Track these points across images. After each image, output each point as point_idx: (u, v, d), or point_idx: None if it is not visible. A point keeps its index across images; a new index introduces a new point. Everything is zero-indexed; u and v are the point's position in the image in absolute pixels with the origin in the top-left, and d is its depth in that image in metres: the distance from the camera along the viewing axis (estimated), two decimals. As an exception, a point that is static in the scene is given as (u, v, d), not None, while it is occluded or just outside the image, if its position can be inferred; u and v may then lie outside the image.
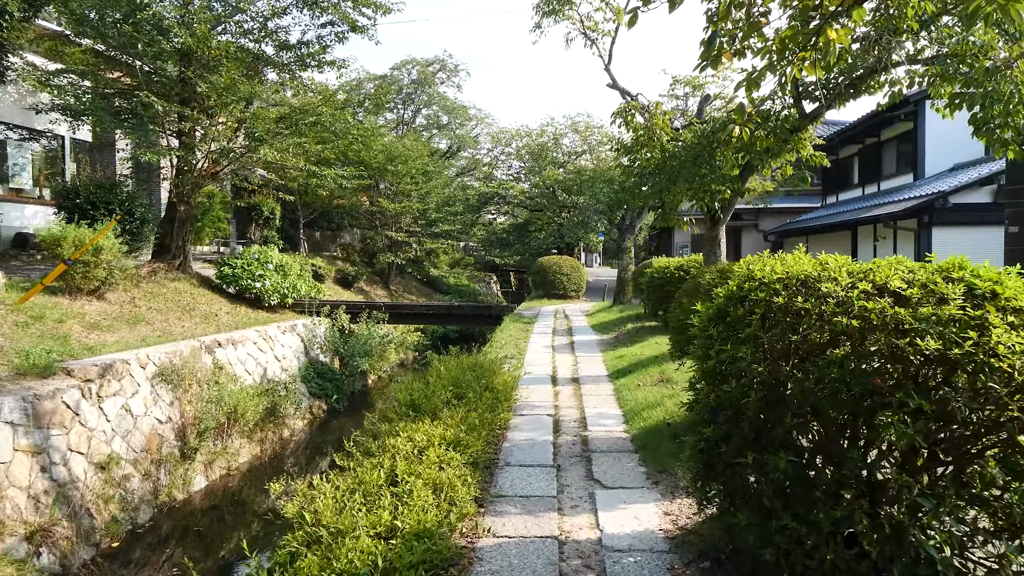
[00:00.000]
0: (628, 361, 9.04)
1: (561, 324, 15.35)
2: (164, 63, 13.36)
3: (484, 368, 6.64)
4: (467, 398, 5.71)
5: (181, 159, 15.06)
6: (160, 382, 10.27)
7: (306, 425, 14.21)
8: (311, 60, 15.87)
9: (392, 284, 28.17)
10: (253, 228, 22.17)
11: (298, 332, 15.81)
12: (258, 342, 13.70)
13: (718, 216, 8.21)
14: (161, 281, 14.70)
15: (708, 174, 6.82)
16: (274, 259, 16.65)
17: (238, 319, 14.61)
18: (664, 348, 9.32)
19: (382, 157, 23.71)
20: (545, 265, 23.86)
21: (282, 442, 12.87)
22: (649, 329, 12.03)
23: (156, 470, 9.53)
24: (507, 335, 13.34)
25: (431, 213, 28.38)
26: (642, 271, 13.91)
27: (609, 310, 17.34)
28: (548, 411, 6.56)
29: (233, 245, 23.31)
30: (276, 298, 16.26)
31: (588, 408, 6.68)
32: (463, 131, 40.27)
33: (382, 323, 17.83)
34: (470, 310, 18.16)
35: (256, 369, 13.31)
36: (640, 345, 10.28)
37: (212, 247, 22.99)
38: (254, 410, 11.76)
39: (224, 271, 15.81)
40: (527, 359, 10.18)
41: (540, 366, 9.52)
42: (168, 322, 12.75)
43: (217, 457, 10.87)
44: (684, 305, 4.87)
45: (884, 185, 18.46)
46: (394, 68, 35.22)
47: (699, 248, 26.47)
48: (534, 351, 11.05)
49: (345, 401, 16.13)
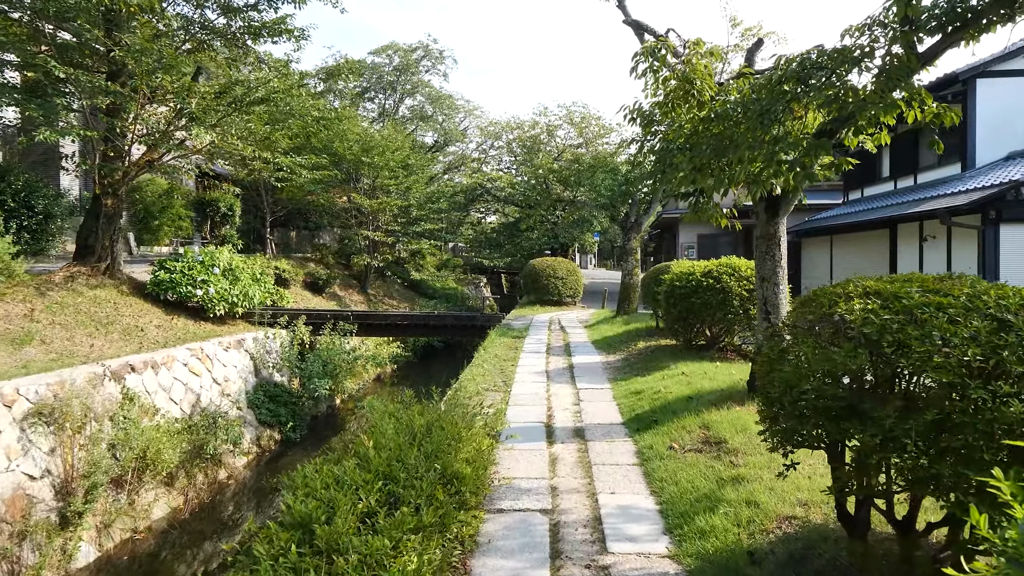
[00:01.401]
0: (650, 401, 6.72)
1: (556, 339, 13.02)
2: (74, 22, 10.92)
3: (445, 432, 4.30)
4: (406, 503, 3.38)
5: (109, 144, 12.65)
6: (36, 424, 7.88)
7: (251, 461, 11.82)
8: (264, 31, 13.50)
9: (371, 289, 25.77)
10: (208, 226, 19.70)
11: (246, 348, 13.40)
12: (190, 363, 11.29)
13: (780, 204, 5.92)
14: (79, 289, 12.27)
15: (783, 138, 4.52)
16: (222, 261, 14.24)
17: (171, 334, 12.19)
18: (697, 383, 7.02)
19: (357, 148, 21.34)
20: (538, 268, 21.51)
21: (216, 487, 10.48)
22: (668, 351, 9.72)
23: (18, 546, 7.13)
24: (492, 354, 11.00)
25: (413, 210, 26.01)
26: (655, 277, 11.62)
27: (612, 321, 15.03)
28: (541, 503, 4.23)
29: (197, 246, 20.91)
30: (223, 307, 13.85)
31: (603, 495, 4.35)
32: (450, 124, 37.87)
33: (350, 335, 15.45)
34: (451, 320, 15.83)
35: (186, 397, 10.90)
36: (661, 375, 7.96)
37: (173, 248, 20.56)
38: (173, 451, 9.38)
39: (159, 276, 13.39)
40: (514, 392, 7.86)
41: (531, 405, 7.18)
42: (73, 341, 10.33)
43: (118, 517, 8.48)
44: (812, 357, 2.54)
45: (922, 178, 16.24)
46: (373, 53, 32.67)
47: (708, 250, 24.19)
48: (523, 379, 8.73)
49: (304, 428, 13.75)
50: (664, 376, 7.83)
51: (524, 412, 6.84)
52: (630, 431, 5.93)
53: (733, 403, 5.96)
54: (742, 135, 4.85)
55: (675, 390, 6.91)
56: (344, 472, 3.66)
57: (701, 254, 24.16)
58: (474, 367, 9.81)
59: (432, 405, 5.22)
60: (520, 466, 5.02)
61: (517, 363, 10.04)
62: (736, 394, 6.25)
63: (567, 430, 6.12)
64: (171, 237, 20.77)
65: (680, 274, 9.19)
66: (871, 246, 16.40)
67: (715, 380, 7.09)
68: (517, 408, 7.01)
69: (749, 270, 8.70)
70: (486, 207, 33.61)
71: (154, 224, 20.03)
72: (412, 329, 15.97)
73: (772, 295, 6.01)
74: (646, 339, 11.25)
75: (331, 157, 21.53)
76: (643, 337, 11.52)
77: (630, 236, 16.21)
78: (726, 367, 7.96)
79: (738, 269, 8.72)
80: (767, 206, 6.04)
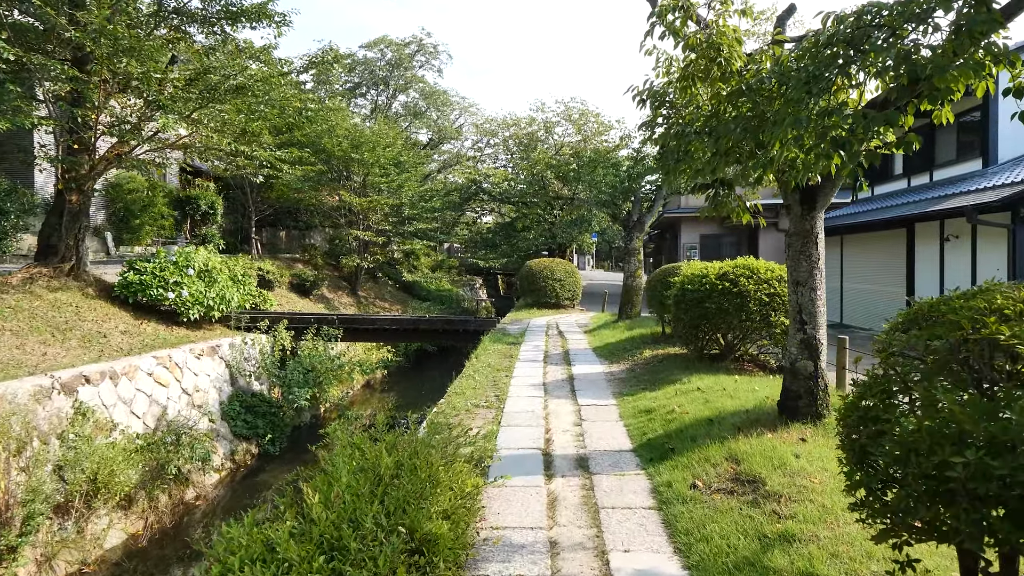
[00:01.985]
0: (662, 423, 5.84)
1: (555, 346, 12.14)
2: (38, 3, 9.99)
3: (419, 474, 3.42)
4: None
5: (73, 135, 11.74)
6: (-34, 446, 6.96)
7: (225, 478, 10.92)
8: (244, 16, 12.61)
9: (361, 291, 24.85)
10: (188, 225, 18.76)
11: (221, 355, 12.48)
12: (155, 372, 10.38)
13: (817, 195, 5.05)
14: (38, 291, 11.35)
15: (838, 110, 3.65)
16: (197, 262, 13.32)
17: (138, 340, 11.27)
18: (717, 401, 6.14)
19: (346, 144, 20.42)
20: (535, 269, 20.61)
21: (181, 509, 9.57)
22: (678, 360, 8.84)
23: (-63, 589, 6.22)
24: (484, 363, 10.11)
25: (405, 209, 25.07)
26: (662, 280, 10.73)
27: (614, 326, 14.15)
28: (538, 567, 3.34)
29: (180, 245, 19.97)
30: (197, 311, 12.94)
31: (616, 554, 3.45)
32: (445, 121, 36.90)
33: (334, 340, 14.54)
34: (442, 325, 14.92)
35: (150, 410, 10.00)
36: (673, 390, 7.07)
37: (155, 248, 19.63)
38: (130, 471, 8.47)
39: (128, 278, 12.47)
40: (507, 409, 6.97)
41: (526, 426, 6.30)
42: (24, 349, 9.40)
43: (63, 548, 7.56)
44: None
45: (939, 175, 15.43)
46: (364, 47, 31.63)
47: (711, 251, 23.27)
48: (518, 393, 7.85)
49: (284, 440, 12.85)
50: (676, 391, 6.95)
51: (518, 435, 5.95)
52: (642, 461, 5.05)
53: (763, 428, 5.09)
54: (781, 110, 3.97)
55: (691, 410, 6.02)
56: (279, 539, 2.76)
57: (704, 255, 23.29)
58: (464, 378, 8.92)
59: (408, 436, 4.33)
60: (512, 510, 4.13)
61: (512, 373, 9.15)
62: (765, 417, 5.38)
63: (568, 459, 5.24)
64: (153, 237, 19.86)
65: (692, 276, 8.31)
66: (886, 247, 15.56)
67: (737, 398, 6.22)
68: (511, 430, 6.13)
69: (769, 272, 7.84)
70: (481, 206, 32.69)
71: (135, 223, 19.12)
72: (401, 334, 15.07)
73: (808, 301, 5.14)
74: (652, 347, 10.37)
75: (319, 154, 20.62)
76: (649, 344, 10.63)
77: (633, 235, 15.32)
78: (746, 381, 7.08)
79: (756, 271, 7.85)
80: (802, 197, 5.17)
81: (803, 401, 5.12)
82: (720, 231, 24.32)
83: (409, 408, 5.90)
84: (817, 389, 5.09)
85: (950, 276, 13.02)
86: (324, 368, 13.68)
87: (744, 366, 8.14)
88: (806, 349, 5.12)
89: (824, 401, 5.11)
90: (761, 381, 7.13)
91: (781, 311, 7.56)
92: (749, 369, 8.03)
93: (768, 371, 8.01)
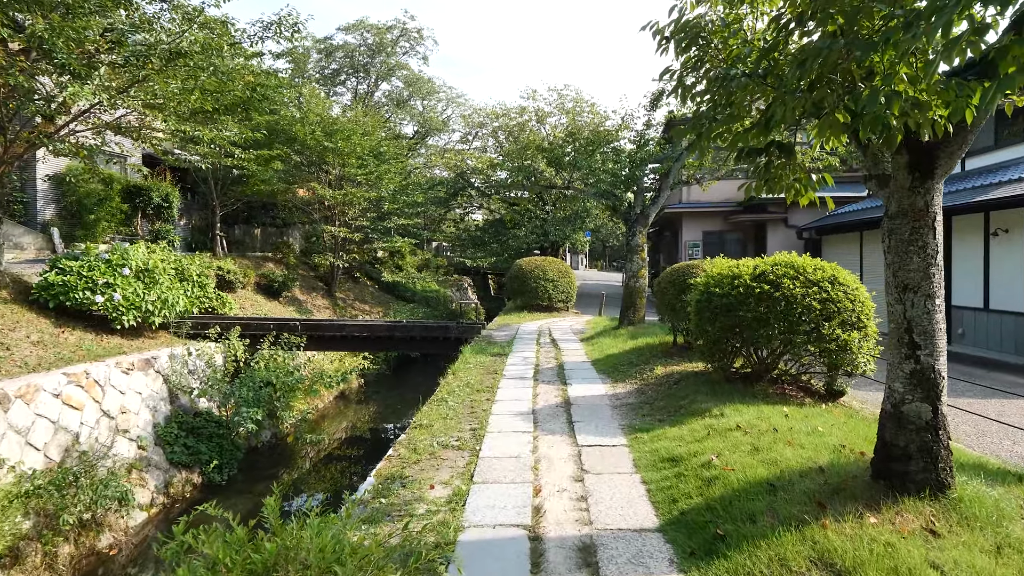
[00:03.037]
0: (698, 483, 4.14)
1: (547, 358, 10.45)
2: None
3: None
4: None
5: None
6: None
7: (155, 516, 9.16)
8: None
9: (339, 292, 23.07)
10: (139, 220, 16.92)
11: (158, 369, 10.71)
12: (65, 393, 8.59)
13: (937, 156, 3.39)
14: (-67, 294, 9.55)
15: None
16: (135, 260, 11.53)
17: (51, 353, 9.48)
18: (769, 448, 4.45)
19: (319, 132, 18.64)
20: (525, 269, 18.89)
21: (90, 562, 7.80)
22: (699, 381, 7.14)
23: None
24: (463, 382, 8.40)
25: (384, 203, 23.30)
26: (676, 281, 9.03)
27: (614, 334, 12.46)
28: None
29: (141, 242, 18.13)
30: (133, 317, 11.15)
31: None
32: (431, 112, 35.07)
33: (296, 349, 12.79)
34: (420, 332, 13.18)
35: (55, 440, 8.21)
36: (701, 425, 5.37)
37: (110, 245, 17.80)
38: (16, 519, 6.71)
39: (49, 278, 10.68)
40: (484, 452, 5.28)
41: (507, 484, 4.62)
42: None
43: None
44: None
45: (972, 163, 13.88)
46: (343, 30, 29.60)
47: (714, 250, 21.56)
48: (501, 426, 6.15)
49: (235, 466, 11.09)
50: (708, 429, 5.25)
51: (496, 499, 4.26)
52: (678, 554, 3.36)
53: (857, 505, 3.42)
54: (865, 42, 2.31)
55: (736, 462, 4.33)
56: None
57: (707, 254, 21.69)
58: (435, 403, 7.20)
59: (321, 537, 2.63)
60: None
61: (495, 396, 7.45)
62: (852, 482, 3.71)
63: (568, 549, 3.54)
64: (112, 233, 18.01)
65: (719, 277, 6.62)
66: (916, 243, 13.97)
67: (798, 445, 4.54)
68: (486, 490, 4.43)
69: (819, 271, 6.19)
70: (469, 202, 30.93)
71: (89, 218, 17.24)
72: (372, 343, 13.34)
73: (922, 315, 3.47)
74: (663, 361, 8.68)
75: (291, 144, 18.84)
76: (659, 358, 8.95)
77: (635, 230, 13.63)
78: (800, 416, 5.40)
79: (803, 270, 6.19)
80: (911, 160, 3.49)
81: (915, 464, 3.45)
82: (725, 228, 22.72)
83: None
84: (938, 446, 3.42)
85: (997, 276, 11.45)
86: (280, 383, 11.91)
87: (785, 390, 6.47)
88: (919, 385, 3.46)
89: (947, 464, 3.45)
90: (820, 416, 5.46)
91: (836, 321, 5.91)
92: (792, 395, 6.36)
93: (817, 397, 6.35)
